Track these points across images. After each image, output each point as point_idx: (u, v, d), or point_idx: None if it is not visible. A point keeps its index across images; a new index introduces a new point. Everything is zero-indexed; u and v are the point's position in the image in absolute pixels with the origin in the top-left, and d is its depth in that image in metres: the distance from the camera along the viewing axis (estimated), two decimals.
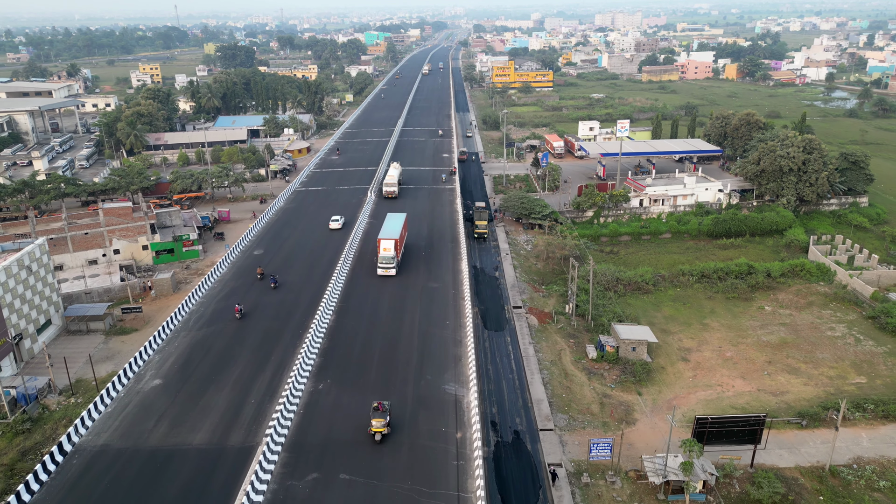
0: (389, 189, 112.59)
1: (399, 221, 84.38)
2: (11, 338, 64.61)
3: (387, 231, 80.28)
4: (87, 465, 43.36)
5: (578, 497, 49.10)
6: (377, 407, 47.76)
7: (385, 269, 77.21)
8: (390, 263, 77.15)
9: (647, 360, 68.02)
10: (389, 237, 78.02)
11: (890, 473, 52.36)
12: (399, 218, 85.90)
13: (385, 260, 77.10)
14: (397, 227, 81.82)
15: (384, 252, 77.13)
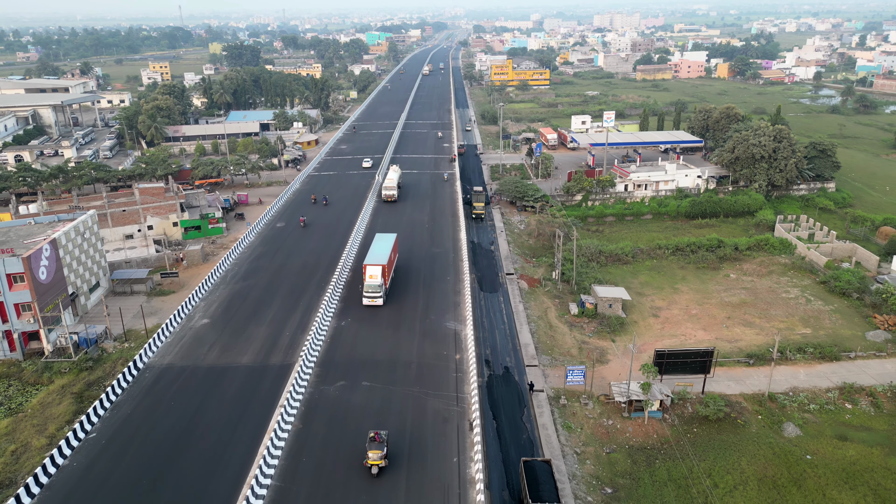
0: (389, 192, 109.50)
1: (388, 243, 75.25)
2: (69, 294, 74.73)
3: (374, 255, 71.56)
4: (158, 377, 53.76)
5: (557, 415, 59.19)
6: (374, 437, 43.98)
7: (371, 299, 67.82)
8: (377, 292, 67.95)
9: (622, 315, 78.08)
10: (376, 262, 69.16)
11: (819, 399, 62.45)
12: (388, 239, 76.88)
13: (371, 288, 67.94)
14: (385, 249, 73.03)
15: (370, 280, 68.05)
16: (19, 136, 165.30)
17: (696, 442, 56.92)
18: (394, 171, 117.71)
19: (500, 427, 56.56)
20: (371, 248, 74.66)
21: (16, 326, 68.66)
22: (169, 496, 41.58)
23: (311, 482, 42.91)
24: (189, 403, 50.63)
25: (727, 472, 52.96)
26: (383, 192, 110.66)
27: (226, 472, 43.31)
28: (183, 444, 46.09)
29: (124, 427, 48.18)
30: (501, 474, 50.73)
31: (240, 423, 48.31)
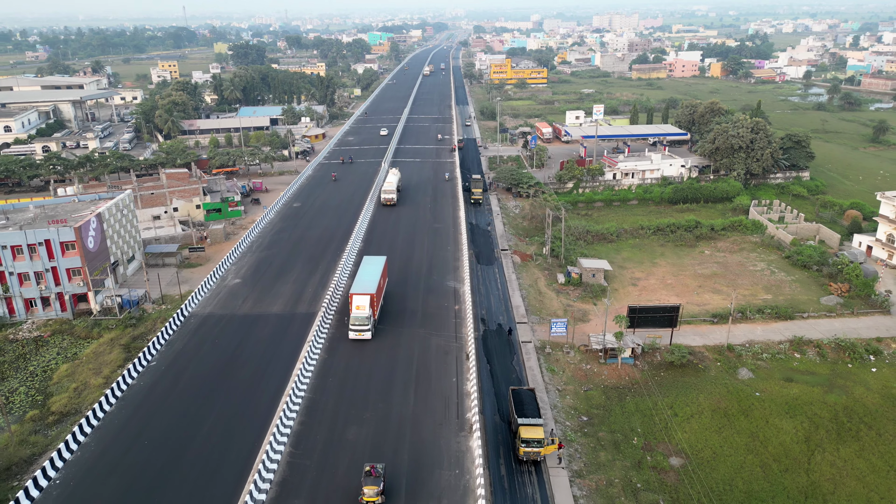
0: (388, 196, 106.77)
1: (377, 268, 68.66)
2: (112, 262, 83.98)
3: (362, 282, 64.70)
4: (202, 323, 63.24)
5: (542, 361, 68.40)
6: (369, 472, 42.28)
7: (358, 333, 61.10)
8: (364, 325, 61.11)
9: (604, 283, 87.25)
10: (364, 291, 62.45)
11: (772, 350, 71.66)
12: (377, 263, 70.13)
13: (358, 321, 60.94)
14: (374, 275, 66.57)
15: (357, 311, 61.17)
16: (42, 130, 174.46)
17: (662, 383, 66.13)
18: (393, 175, 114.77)
19: (493, 369, 65.71)
20: (358, 273, 67.24)
21: (67, 289, 77.89)
22: (220, 408, 51.05)
23: (335, 397, 52.45)
24: (230, 341, 60.20)
25: (686, 405, 62.14)
26: (382, 195, 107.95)
27: (265, 391, 52.81)
28: (227, 371, 55.60)
29: (178, 358, 57.68)
30: (494, 404, 59.83)
31: (274, 356, 57.82)
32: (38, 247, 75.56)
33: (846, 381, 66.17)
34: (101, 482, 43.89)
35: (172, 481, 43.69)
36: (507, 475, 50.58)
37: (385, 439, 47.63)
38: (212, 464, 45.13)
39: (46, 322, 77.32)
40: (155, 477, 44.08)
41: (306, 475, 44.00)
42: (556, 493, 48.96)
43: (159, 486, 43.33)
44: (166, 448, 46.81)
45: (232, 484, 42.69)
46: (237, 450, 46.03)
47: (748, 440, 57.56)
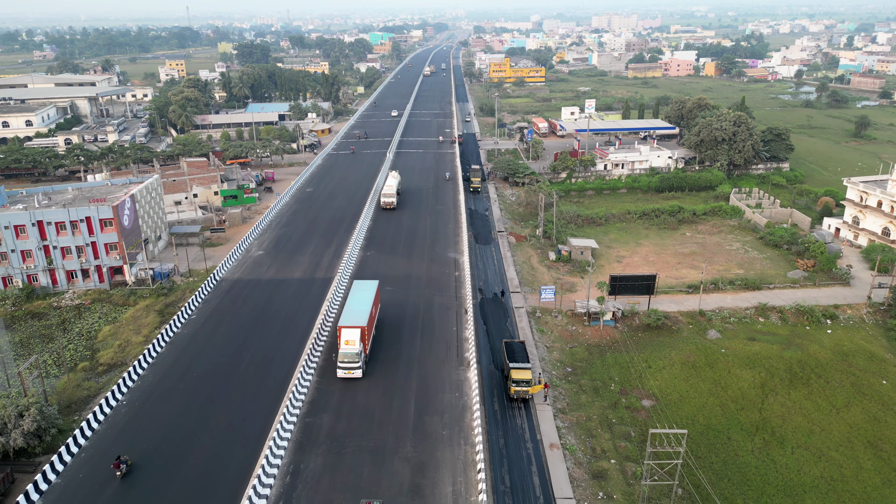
0: (387, 200, 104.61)
1: (368, 294, 63.44)
2: (145, 240, 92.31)
3: (351, 313, 59.31)
4: (232, 285, 72.05)
5: (533, 323, 76.67)
6: None
7: (347, 371, 55.68)
8: (354, 362, 55.63)
9: (591, 260, 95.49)
10: (354, 324, 56.92)
11: (739, 314, 79.92)
12: (368, 289, 64.81)
13: (348, 357, 55.57)
14: (366, 303, 61.38)
15: (346, 347, 55.75)
16: (61, 124, 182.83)
17: (639, 342, 74.42)
18: (393, 178, 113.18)
19: (489, 329, 73.93)
20: (347, 302, 61.73)
21: (105, 262, 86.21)
22: (255, 350, 59.94)
23: None
24: (259, 299, 68.79)
25: (659, 360, 70.39)
26: (382, 199, 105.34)
27: (293, 338, 61.75)
28: (259, 322, 64.19)
29: (214, 313, 66.26)
30: (489, 356, 68.05)
31: (298, 311, 66.45)
32: (80, 223, 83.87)
33: (803, 341, 74.45)
34: (160, 404, 52.53)
35: (220, 403, 52.40)
36: (500, 411, 58.82)
37: (397, 372, 56.09)
38: (252, 391, 53.84)
39: (86, 292, 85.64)
40: (205, 400, 52.66)
41: (331, 398, 52.70)
42: (542, 425, 57.19)
43: (209, 407, 51.98)
44: (212, 379, 55.58)
45: (270, 404, 51.46)
46: (272, 379, 54.67)
47: (711, 386, 65.85)
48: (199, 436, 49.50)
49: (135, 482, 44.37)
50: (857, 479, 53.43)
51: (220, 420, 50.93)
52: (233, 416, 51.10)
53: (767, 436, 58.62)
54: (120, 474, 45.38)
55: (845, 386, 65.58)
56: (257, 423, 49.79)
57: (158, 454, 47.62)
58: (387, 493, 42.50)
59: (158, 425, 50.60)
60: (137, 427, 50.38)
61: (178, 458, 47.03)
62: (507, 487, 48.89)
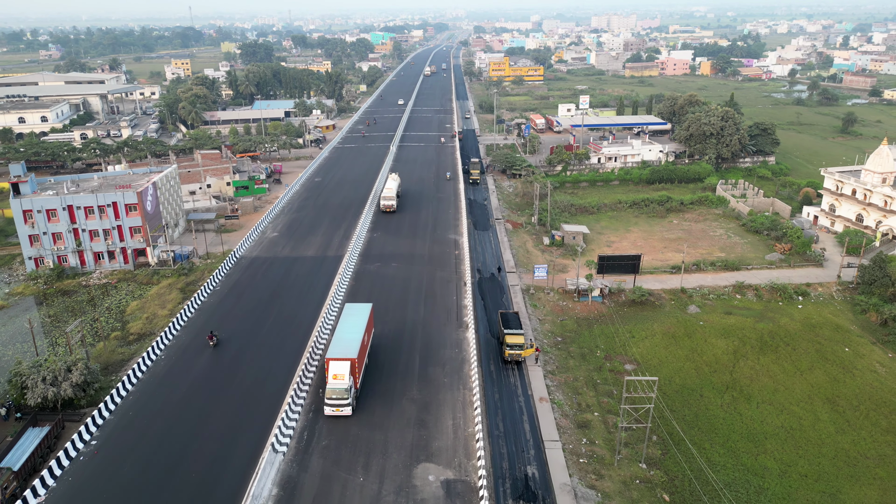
0: (387, 203, 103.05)
1: (360, 319, 58.12)
2: (165, 225, 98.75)
3: (341, 343, 54.19)
4: (251, 262, 79.14)
5: (527, 299, 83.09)
6: None
7: (336, 409, 50.76)
8: (343, 398, 50.61)
9: (583, 244, 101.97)
10: (343, 356, 52.02)
11: (718, 292, 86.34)
12: (360, 314, 59.35)
13: (336, 393, 50.55)
14: (357, 330, 56.02)
15: (335, 381, 50.83)
16: (74, 120, 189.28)
17: (624, 315, 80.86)
18: (392, 180, 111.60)
19: (486, 304, 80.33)
20: (337, 329, 56.66)
21: (129, 244, 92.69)
22: (276, 315, 67.08)
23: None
24: (276, 274, 75.66)
25: (642, 331, 76.80)
26: (381, 202, 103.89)
27: (309, 305, 68.91)
28: (278, 292, 71.38)
29: (237, 285, 73.23)
30: (486, 327, 74.41)
31: (313, 283, 73.58)
32: (107, 208, 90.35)
33: (775, 314, 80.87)
34: (194, 359, 59.56)
35: (248, 356, 59.72)
36: (496, 371, 65.23)
37: (403, 333, 62.67)
38: (276, 346, 61.25)
39: (112, 272, 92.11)
40: (232, 358, 59.41)
41: None
42: (533, 382, 63.62)
43: (236, 363, 58.95)
44: (238, 339, 62.42)
45: (290, 358, 57.98)
46: (293, 338, 61.72)
47: (688, 353, 72.28)
48: (227, 387, 56.07)
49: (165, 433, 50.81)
50: (814, 428, 59.86)
51: (247, 375, 57.54)
52: (258, 371, 57.76)
53: (736, 393, 65.07)
54: (213, 344, 61.00)
55: (810, 352, 71.99)
56: (280, 376, 56.35)
57: (191, 403, 54.21)
58: (396, 426, 49.02)
59: (192, 378, 57.27)
60: (174, 378, 57.02)
61: (209, 407, 53.67)
62: (500, 432, 55.32)
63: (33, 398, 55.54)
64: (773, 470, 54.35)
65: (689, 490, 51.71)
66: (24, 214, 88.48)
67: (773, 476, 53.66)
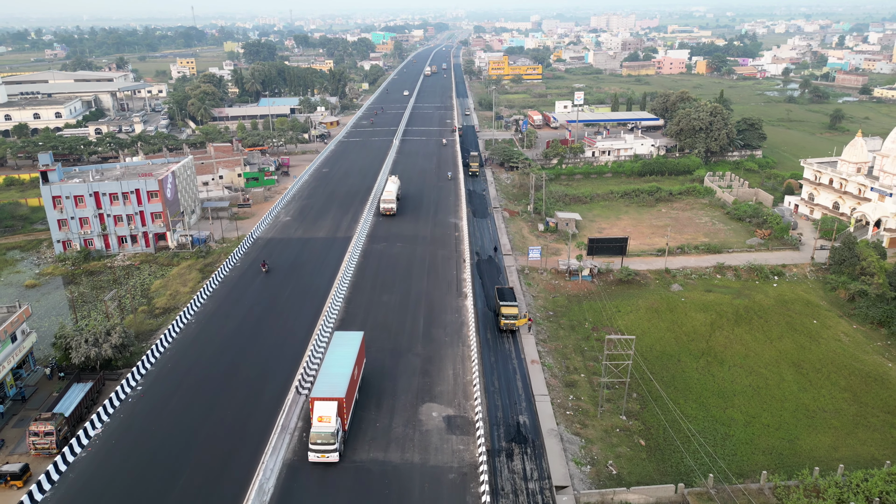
0: (387, 206, 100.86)
1: (350, 349, 53.09)
2: (183, 211, 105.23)
3: (328, 378, 49.23)
4: (268, 242, 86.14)
5: (522, 278, 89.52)
6: None
7: (321, 455, 45.60)
8: (329, 444, 45.37)
9: (575, 230, 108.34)
10: (330, 395, 47.06)
11: (700, 272, 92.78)
12: (350, 344, 54.24)
13: (321, 439, 45.41)
14: (346, 364, 50.98)
15: (320, 424, 45.71)
16: (87, 116, 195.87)
17: (612, 293, 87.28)
18: (392, 183, 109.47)
19: (484, 282, 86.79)
20: (324, 363, 51.77)
21: (151, 229, 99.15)
22: (293, 287, 74.22)
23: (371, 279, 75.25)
24: (292, 251, 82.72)
25: (628, 306, 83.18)
26: (381, 205, 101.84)
27: (323, 277, 76.32)
28: (294, 267, 78.53)
29: (256, 261, 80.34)
30: (483, 302, 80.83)
31: (326, 259, 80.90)
32: (130, 194, 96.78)
33: (751, 292, 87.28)
34: (222, 322, 66.55)
35: (270, 320, 67.02)
36: (492, 339, 71.69)
37: (408, 301, 69.34)
38: (293, 314, 68.01)
39: (134, 254, 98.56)
40: (256, 321, 66.23)
41: (357, 315, 66.68)
42: (526, 348, 70.03)
43: (260, 325, 65.84)
44: (260, 305, 69.64)
45: (309, 320, 64.87)
46: (309, 307, 68.44)
47: (669, 325, 78.68)
48: (254, 343, 63.07)
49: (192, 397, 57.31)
50: (779, 387, 66.29)
51: (271, 334, 64.49)
52: (280, 331, 64.74)
53: (710, 358, 71.53)
54: (265, 270, 73.87)
55: (781, 324, 78.40)
56: (300, 335, 63.12)
57: (222, 357, 60.90)
58: (403, 375, 55.56)
59: (221, 337, 64.28)
60: (205, 338, 63.91)
61: (239, 359, 60.51)
62: (496, 388, 61.78)
63: (77, 357, 61.97)
64: (739, 421, 60.77)
65: (664, 437, 58.13)
66: (53, 200, 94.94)
67: (739, 426, 60.08)
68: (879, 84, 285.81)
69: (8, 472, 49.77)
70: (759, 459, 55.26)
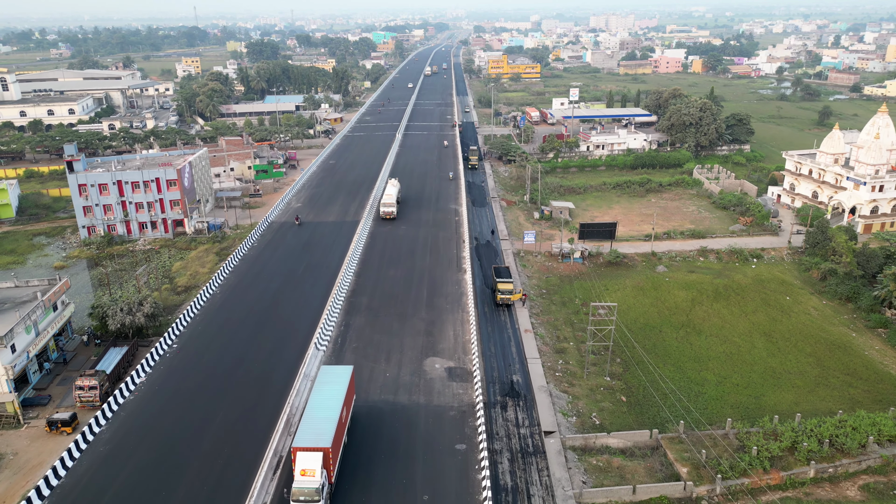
0: (387, 210, 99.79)
1: (338, 388, 47.61)
2: (199, 200, 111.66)
3: (312, 423, 43.71)
4: (282, 225, 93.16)
5: (517, 261, 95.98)
6: None
7: None
8: (314, 500, 40.36)
9: (569, 218, 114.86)
10: (314, 444, 41.70)
11: (684, 255, 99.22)
12: (339, 380, 48.76)
13: (304, 496, 40.43)
14: (334, 406, 45.48)
15: (302, 479, 40.70)
16: (99, 113, 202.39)
17: (601, 274, 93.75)
18: (392, 186, 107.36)
19: (482, 264, 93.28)
20: (308, 405, 46.14)
21: (169, 215, 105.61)
22: (307, 263, 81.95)
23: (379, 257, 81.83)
24: (304, 233, 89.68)
25: (616, 285, 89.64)
26: (381, 209, 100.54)
27: (334, 254, 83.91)
28: (308, 247, 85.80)
29: (271, 242, 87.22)
30: (482, 281, 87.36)
31: (336, 239, 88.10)
32: (151, 183, 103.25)
33: (731, 273, 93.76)
34: (244, 293, 73.79)
35: (287, 291, 74.20)
36: (489, 312, 78.17)
37: (413, 275, 76.00)
38: (308, 286, 75.29)
39: (154, 240, 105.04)
40: (275, 292, 73.20)
41: (366, 287, 73.49)
42: (520, 320, 76.51)
43: (280, 296, 73.39)
44: (278, 279, 76.93)
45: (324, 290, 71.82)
46: (323, 280, 75.68)
47: (653, 300, 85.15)
48: (275, 310, 70.05)
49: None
50: (750, 353, 72.78)
51: (289, 302, 71.29)
52: (298, 299, 72.01)
53: (689, 329, 78.02)
54: (298, 222, 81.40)
55: (756, 300, 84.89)
56: (315, 303, 69.82)
57: (246, 322, 67.49)
58: (409, 335, 62.21)
59: (244, 306, 71.43)
60: (229, 306, 70.81)
61: (262, 322, 67.06)
62: (492, 353, 68.28)
63: (114, 324, 68.46)
64: (711, 381, 67.26)
65: (643, 394, 64.61)
66: (79, 188, 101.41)
67: (711, 385, 66.57)
68: (870, 82, 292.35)
69: (59, 420, 56.29)
70: (727, 412, 61.66)
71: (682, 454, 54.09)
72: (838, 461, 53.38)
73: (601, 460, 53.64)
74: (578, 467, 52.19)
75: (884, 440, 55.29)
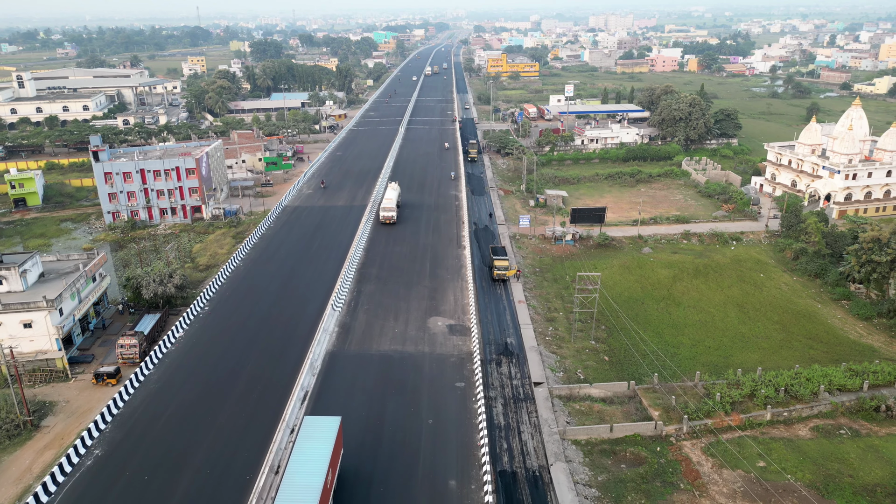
0: (387, 214, 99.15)
1: (324, 445, 41.42)
2: (215, 188, 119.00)
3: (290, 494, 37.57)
4: (294, 209, 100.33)
5: (513, 243, 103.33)
6: None
7: None
8: None
9: (562, 205, 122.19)
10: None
11: (668, 238, 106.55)
12: (325, 436, 42.37)
13: None
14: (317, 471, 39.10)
15: None
16: (111, 109, 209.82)
17: (591, 255, 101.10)
18: (392, 190, 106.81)
19: (480, 245, 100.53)
20: (290, 462, 40.66)
21: (188, 202, 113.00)
22: (319, 241, 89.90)
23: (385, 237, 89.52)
24: (315, 216, 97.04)
25: (604, 264, 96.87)
26: (381, 213, 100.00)
27: (345, 233, 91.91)
28: (319, 227, 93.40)
29: (286, 223, 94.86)
30: (480, 260, 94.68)
31: (346, 220, 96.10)
32: (171, 171, 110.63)
33: (711, 254, 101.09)
34: (264, 266, 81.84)
35: (303, 265, 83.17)
36: (486, 287, 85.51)
37: (417, 251, 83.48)
38: (322, 260, 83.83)
39: (174, 225, 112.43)
40: (291, 267, 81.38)
41: (375, 261, 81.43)
42: (514, 293, 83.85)
43: (296, 270, 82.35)
44: (293, 255, 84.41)
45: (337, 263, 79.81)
46: (335, 255, 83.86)
47: (637, 277, 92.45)
48: (293, 280, 77.90)
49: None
50: (723, 321, 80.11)
51: (304, 275, 78.86)
52: (313, 272, 79.92)
53: (669, 302, 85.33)
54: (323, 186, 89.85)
55: (732, 277, 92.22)
56: (328, 276, 77.46)
57: (268, 289, 75.02)
58: (414, 300, 69.71)
59: (265, 278, 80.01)
60: (252, 278, 78.78)
61: (282, 290, 74.70)
62: (489, 321, 75.63)
63: (147, 293, 75.86)
64: (686, 344, 74.62)
65: (625, 355, 71.95)
66: (104, 176, 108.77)
67: (686, 347, 73.93)
68: (861, 80, 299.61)
69: (105, 372, 63.69)
70: (698, 369, 68.93)
71: (656, 401, 61.43)
72: (792, 406, 60.68)
73: (584, 406, 61.00)
74: (563, 411, 59.53)
75: (834, 389, 62.60)
